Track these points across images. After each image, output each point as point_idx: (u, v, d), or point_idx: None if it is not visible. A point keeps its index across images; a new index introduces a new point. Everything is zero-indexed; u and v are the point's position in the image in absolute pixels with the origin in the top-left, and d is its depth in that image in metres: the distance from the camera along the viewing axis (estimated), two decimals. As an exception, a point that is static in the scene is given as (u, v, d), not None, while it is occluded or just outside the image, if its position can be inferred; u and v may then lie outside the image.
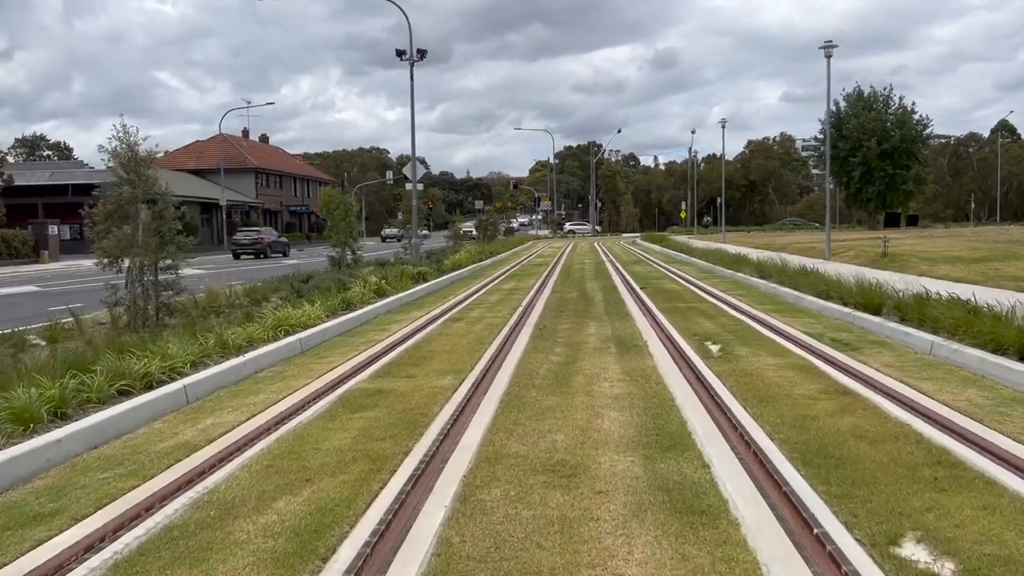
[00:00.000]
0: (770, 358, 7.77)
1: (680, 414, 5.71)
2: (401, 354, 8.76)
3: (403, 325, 11.24)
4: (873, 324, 9.36)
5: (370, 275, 15.16)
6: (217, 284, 16.58)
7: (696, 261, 24.61)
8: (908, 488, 4.06)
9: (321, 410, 6.18)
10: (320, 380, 7.35)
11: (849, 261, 20.81)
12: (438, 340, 9.76)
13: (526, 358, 8.29)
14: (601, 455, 4.80)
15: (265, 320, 9.66)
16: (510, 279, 20.59)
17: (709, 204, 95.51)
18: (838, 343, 8.52)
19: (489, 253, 30.99)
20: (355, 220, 20.35)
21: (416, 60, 24.00)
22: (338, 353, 8.91)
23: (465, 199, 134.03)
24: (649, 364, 7.73)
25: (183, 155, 65.82)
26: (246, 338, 8.76)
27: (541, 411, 5.93)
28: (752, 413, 5.62)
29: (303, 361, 8.49)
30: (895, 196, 59.37)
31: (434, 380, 7.22)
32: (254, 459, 4.93)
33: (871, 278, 11.65)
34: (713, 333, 9.56)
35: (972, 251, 20.10)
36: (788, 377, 6.85)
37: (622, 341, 9.24)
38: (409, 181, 24.58)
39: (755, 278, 16.18)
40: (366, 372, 7.73)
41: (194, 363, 7.47)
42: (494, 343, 9.33)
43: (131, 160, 11.86)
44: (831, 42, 22.43)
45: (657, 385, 6.75)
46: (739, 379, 6.80)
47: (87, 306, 11.63)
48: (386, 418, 5.86)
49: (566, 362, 8.02)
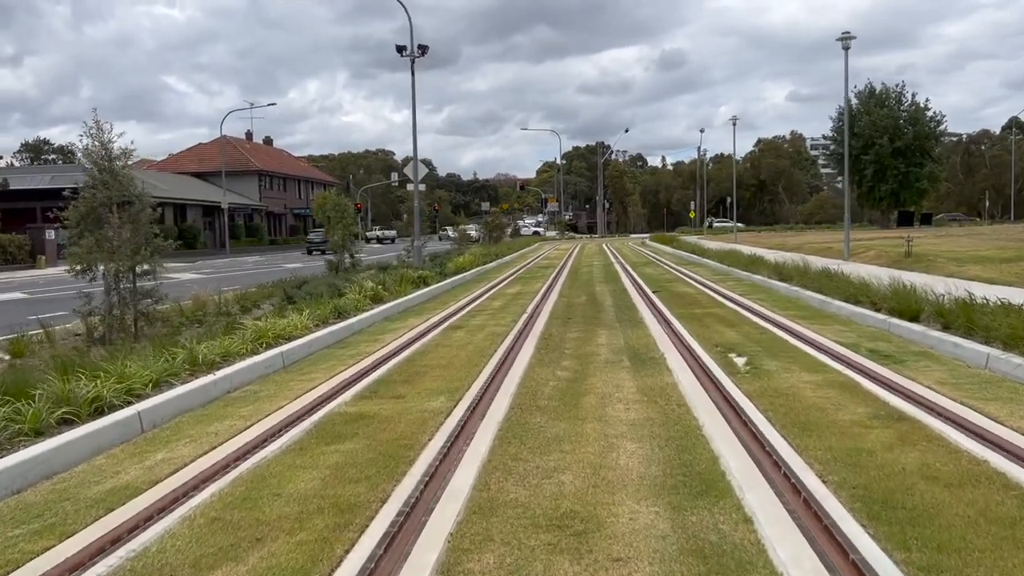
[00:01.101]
0: (805, 374, 6.90)
1: (710, 447, 4.85)
2: (392, 369, 7.92)
3: (398, 335, 10.40)
4: (913, 333, 8.47)
5: (366, 280, 14.33)
6: (208, 290, 15.85)
7: (709, 263, 23.71)
8: (1013, 557, 3.19)
9: (291, 441, 5.35)
10: (297, 402, 6.52)
11: (870, 262, 19.89)
12: (435, 352, 8.92)
13: (530, 373, 7.45)
14: (618, 503, 3.95)
15: (245, 331, 8.83)
16: (515, 283, 19.74)
17: (718, 204, 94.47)
18: (878, 355, 7.63)
19: (494, 255, 30.14)
20: (352, 222, 19.54)
21: (417, 56, 23.21)
22: (323, 368, 8.08)
23: (472, 201, 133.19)
24: (668, 381, 6.87)
25: (186, 158, 65.28)
26: (221, 352, 7.94)
27: (546, 442, 5.08)
28: (795, 446, 4.75)
29: (282, 378, 7.66)
30: (908, 194, 58.28)
31: (425, 402, 6.38)
32: (201, 509, 4.10)
33: (906, 281, 10.75)
34: (736, 343, 8.69)
35: (1000, 251, 19.17)
36: (829, 398, 5.98)
37: (636, 353, 8.38)
38: (411, 182, 23.76)
39: (774, 280, 15.28)
40: (350, 392, 6.89)
41: (157, 383, 6.66)
42: (495, 355, 8.49)
43: (105, 159, 11.10)
44: (848, 33, 21.52)
45: (680, 408, 5.89)
46: (773, 400, 5.93)
47: (70, 314, 10.85)
48: (364, 452, 5.02)
49: (574, 378, 7.17)
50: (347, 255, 19.62)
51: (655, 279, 18.90)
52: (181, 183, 56.71)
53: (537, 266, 27.67)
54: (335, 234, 19.18)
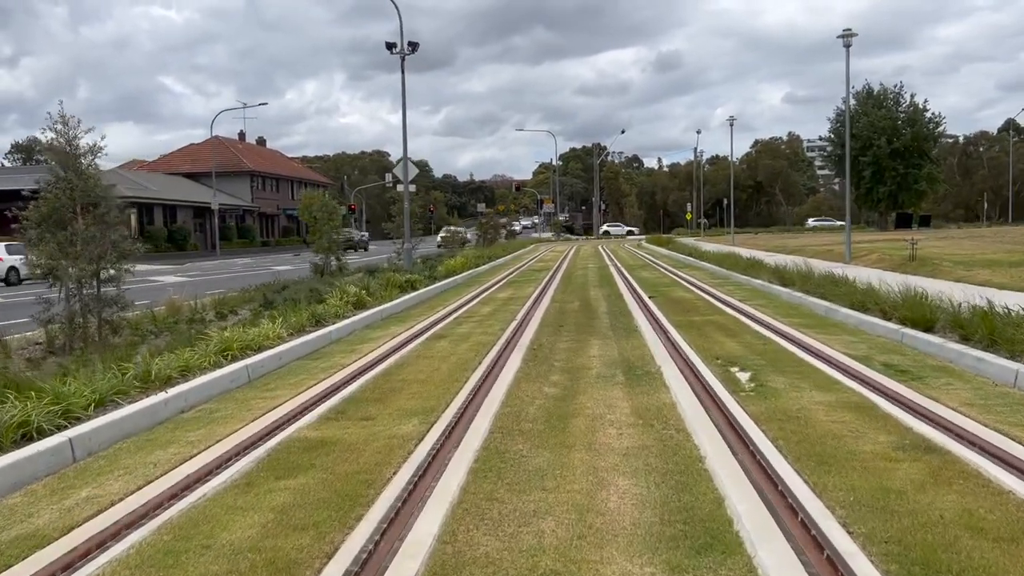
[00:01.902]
0: (815, 393, 6.27)
1: (713, 484, 4.23)
2: (366, 385, 7.28)
3: (378, 344, 9.76)
4: (930, 345, 7.85)
5: (349, 285, 13.68)
6: (191, 294, 15.17)
7: (706, 265, 23.10)
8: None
9: (238, 474, 4.71)
10: (255, 424, 5.88)
11: (872, 265, 19.28)
12: (414, 365, 8.28)
13: (515, 390, 6.82)
14: (607, 561, 3.32)
15: (209, 342, 8.18)
16: (507, 286, 19.10)
17: (715, 205, 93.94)
18: (893, 370, 7.01)
19: (488, 258, 29.50)
20: (340, 224, 18.90)
21: (407, 53, 22.56)
22: (290, 384, 7.44)
23: (468, 202, 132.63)
24: (665, 400, 6.24)
25: (177, 158, 64.50)
26: (180, 366, 7.30)
27: (527, 477, 4.46)
28: (813, 484, 4.13)
29: (245, 395, 7.02)
30: (907, 196, 57.77)
31: (396, 425, 5.74)
32: (112, 567, 3.46)
33: (912, 285, 10.12)
34: (738, 356, 8.06)
35: (1008, 254, 18.60)
36: (845, 422, 5.35)
37: (631, 366, 7.75)
38: (401, 183, 23.12)
39: (775, 285, 14.67)
40: (315, 412, 6.25)
41: (101, 403, 6.02)
42: (479, 369, 7.85)
43: (70, 155, 10.46)
44: (850, 30, 20.95)
45: (679, 433, 5.26)
46: (783, 425, 5.31)
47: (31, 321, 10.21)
48: (318, 489, 4.38)
49: (563, 396, 6.54)
50: (333, 258, 18.99)
51: (651, 283, 18.28)
52: (172, 184, 55.97)
53: (531, 269, 27.04)
54: (321, 236, 18.55)
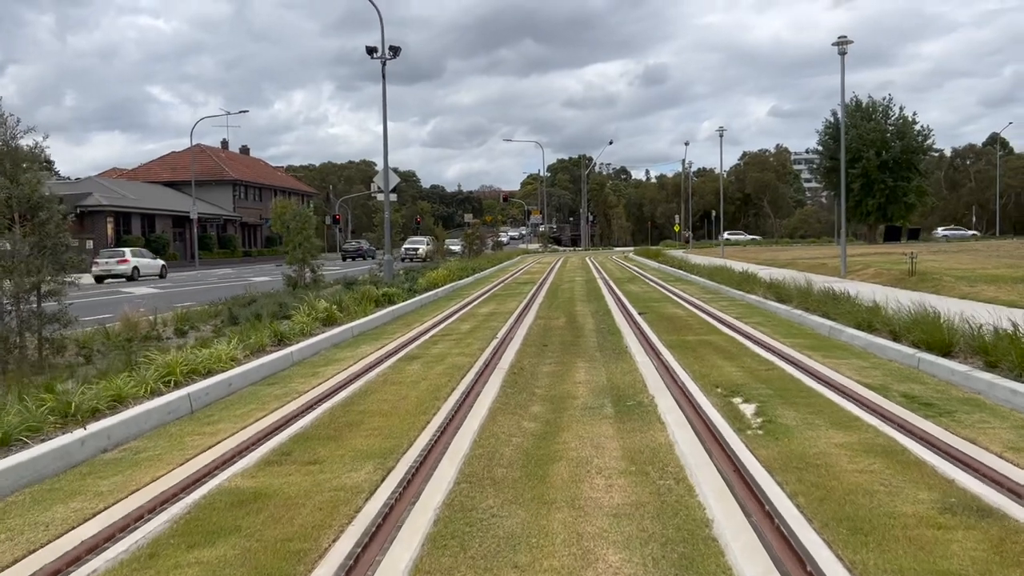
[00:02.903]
0: (833, 432, 5.47)
1: (725, 560, 3.41)
2: (321, 418, 6.43)
3: (343, 367, 8.91)
4: (953, 374, 7.07)
5: (319, 300, 12.82)
6: (160, 306, 14.27)
7: (697, 279, 22.36)
8: None
9: (145, 540, 3.85)
10: (181, 470, 5.02)
11: (869, 280, 18.59)
12: (379, 392, 7.43)
13: (490, 425, 5.98)
14: None
15: (150, 366, 7.30)
16: (490, 300, 18.27)
17: (703, 217, 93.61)
18: (916, 403, 6.23)
19: (472, 270, 28.65)
20: (314, 234, 18.03)
21: (389, 58, 21.78)
22: (237, 416, 6.58)
23: (455, 212, 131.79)
24: (661, 440, 5.42)
25: (158, 167, 63.44)
26: (111, 395, 6.42)
27: (495, 548, 3.62)
28: (850, 564, 3.31)
29: (180, 431, 6.14)
30: (896, 209, 57.39)
31: (347, 471, 4.90)
32: None
33: (923, 303, 9.34)
34: (740, 384, 7.26)
35: (1010, 269, 17.94)
36: (875, 473, 4.55)
37: (621, 395, 6.94)
38: (381, 192, 22.28)
39: (772, 301, 13.92)
40: (256, 452, 5.40)
41: (4, 442, 5.16)
42: (451, 398, 7.02)
43: (7, 157, 9.62)
44: (845, 37, 20.32)
45: (679, 485, 4.44)
46: (801, 476, 4.50)
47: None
48: (237, 564, 3.53)
49: (544, 433, 5.71)
50: (308, 270, 18.12)
51: (641, 298, 17.49)
52: (151, 192, 54.90)
53: (516, 281, 26.22)
54: (295, 247, 17.68)
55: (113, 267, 33.72)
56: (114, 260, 34.14)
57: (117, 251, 35.93)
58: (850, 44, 20.26)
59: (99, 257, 34.54)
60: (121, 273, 33.57)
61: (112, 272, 33.53)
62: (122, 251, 35.58)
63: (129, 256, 34.44)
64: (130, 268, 33.64)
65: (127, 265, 33.75)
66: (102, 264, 33.72)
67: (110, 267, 33.70)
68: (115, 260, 34.12)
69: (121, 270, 33.63)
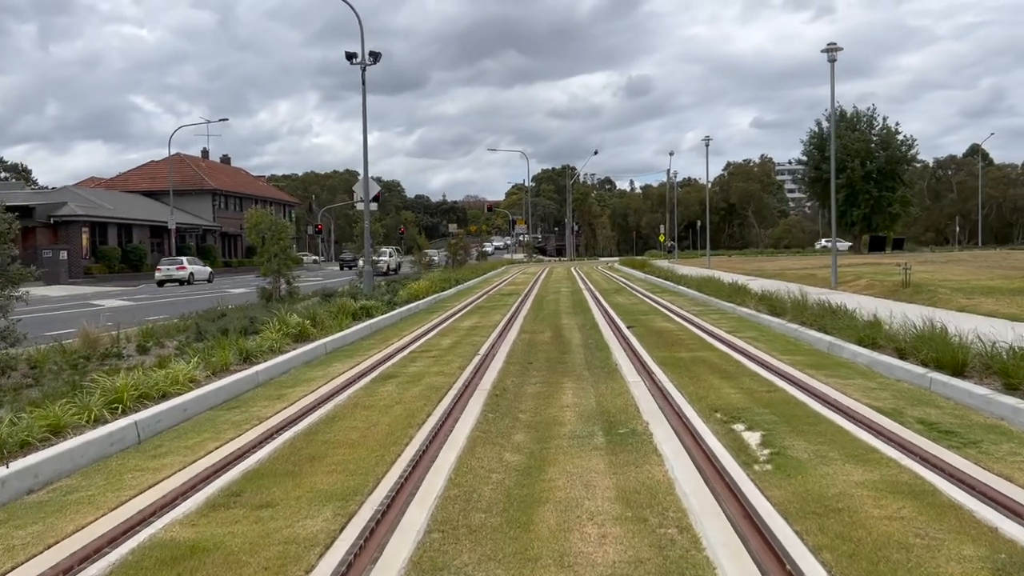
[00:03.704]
0: (851, 467, 4.90)
1: (746, 642, 2.82)
2: (280, 449, 5.80)
3: (312, 388, 8.27)
4: (970, 396, 6.53)
5: (291, 314, 12.16)
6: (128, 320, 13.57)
7: (685, 290, 21.85)
8: None
9: (47, 615, 3.21)
10: (114, 516, 4.39)
11: (861, 291, 18.15)
12: (348, 419, 6.80)
13: (468, 458, 5.38)
14: None
15: (95, 390, 6.64)
16: (473, 313, 17.66)
17: (688, 227, 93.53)
18: (936, 431, 5.68)
19: (455, 281, 28.03)
20: (290, 244, 17.37)
21: (368, 63, 21.20)
22: (187, 447, 5.93)
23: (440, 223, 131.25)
24: (659, 477, 4.83)
25: (137, 176, 62.45)
26: (48, 425, 5.77)
27: (469, 623, 3.02)
28: (898, 648, 2.73)
29: (122, 465, 5.49)
30: (880, 219, 57.40)
31: (302, 516, 4.28)
32: None
33: (925, 318, 8.82)
34: (741, 408, 6.69)
35: (1005, 280, 17.56)
36: (906, 520, 3.98)
37: (612, 421, 6.36)
38: (361, 201, 21.63)
39: (764, 314, 13.40)
40: (202, 493, 4.76)
41: (-90, 484, 4.50)
42: (426, 425, 6.41)
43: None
44: (835, 44, 19.96)
45: (682, 535, 3.85)
46: (823, 524, 3.92)
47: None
48: (152, 651, 2.90)
49: (528, 468, 5.11)
50: (284, 282, 17.45)
51: (628, 310, 16.94)
52: (129, 202, 53.92)
53: (500, 293, 25.62)
54: (269, 258, 17.01)
55: (173, 272, 40.08)
56: (174, 267, 40.65)
57: (176, 259, 42.33)
58: (839, 51, 19.89)
59: (161, 264, 41.60)
60: (179, 278, 39.81)
61: (172, 277, 39.84)
62: (180, 259, 42.21)
63: (186, 263, 41.16)
64: (187, 273, 40.12)
65: (184, 271, 40.28)
66: (164, 270, 40.37)
67: (171, 272, 40.07)
68: (175, 267, 40.64)
69: (179, 275, 39.93)
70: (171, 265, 41.00)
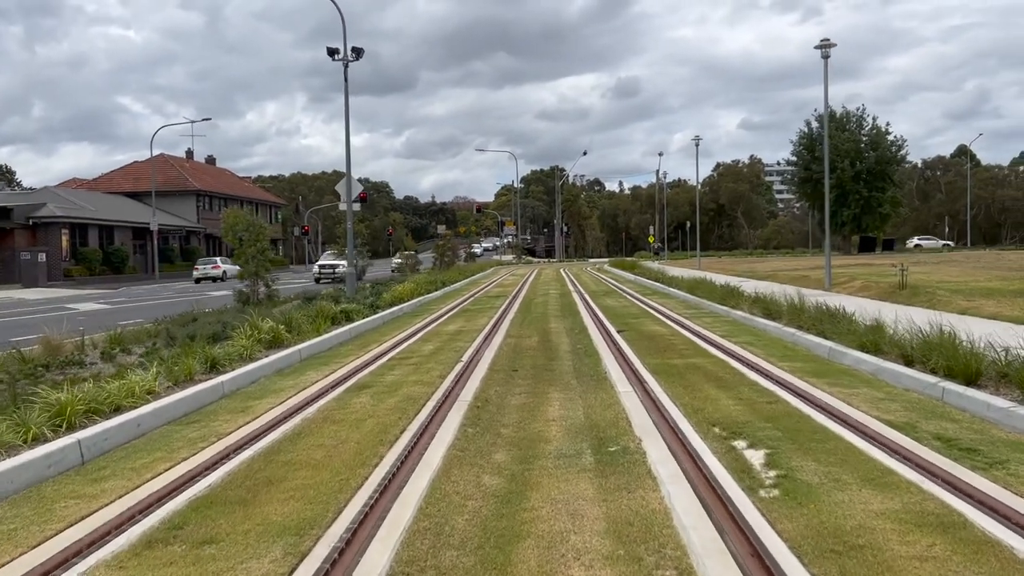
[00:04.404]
0: (868, 492, 4.40)
1: None
2: (236, 471, 5.25)
3: (280, 399, 7.72)
4: (988, 408, 6.05)
5: (265, 319, 11.58)
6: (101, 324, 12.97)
7: (676, 292, 21.38)
8: None
9: None
10: (32, 556, 3.84)
11: (857, 293, 17.72)
12: (315, 435, 6.26)
13: (442, 482, 4.86)
14: None
15: (37, 404, 6.06)
16: (458, 317, 17.12)
17: (677, 228, 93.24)
18: (955, 448, 5.20)
19: (441, 283, 27.47)
20: (267, 245, 16.78)
21: (351, 60, 20.64)
22: (133, 468, 5.38)
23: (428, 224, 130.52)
24: (654, 505, 4.32)
25: (120, 177, 61.55)
26: (-21, 444, 5.20)
27: None
28: None
29: (57, 492, 4.93)
30: (870, 219, 57.25)
31: (248, 556, 3.74)
32: None
33: (928, 321, 8.34)
34: (741, 422, 6.19)
35: (1003, 282, 17.17)
36: (939, 560, 3.48)
37: (601, 437, 5.84)
38: (343, 201, 21.06)
39: (759, 318, 12.93)
40: (140, 526, 4.22)
41: None
42: (399, 442, 5.88)
43: None
44: (828, 40, 19.56)
45: (682, 581, 3.34)
46: (842, 565, 3.42)
47: None
48: None
49: (508, 494, 4.59)
50: (262, 284, 16.86)
51: (619, 313, 16.44)
52: (111, 203, 53.07)
53: (487, 295, 25.09)
54: (247, 260, 16.42)
55: (209, 271, 43.78)
56: (209, 266, 44.52)
57: (211, 259, 46.73)
58: (833, 47, 19.49)
59: (198, 264, 45.61)
60: (215, 276, 43.08)
61: (208, 275, 43.33)
62: (215, 259, 46.42)
63: (220, 263, 44.18)
64: (221, 272, 42.82)
65: (219, 270, 43.32)
66: (200, 269, 44.17)
67: (207, 271, 43.73)
68: (210, 266, 44.43)
69: (215, 273, 43.36)
70: (207, 264, 44.98)
